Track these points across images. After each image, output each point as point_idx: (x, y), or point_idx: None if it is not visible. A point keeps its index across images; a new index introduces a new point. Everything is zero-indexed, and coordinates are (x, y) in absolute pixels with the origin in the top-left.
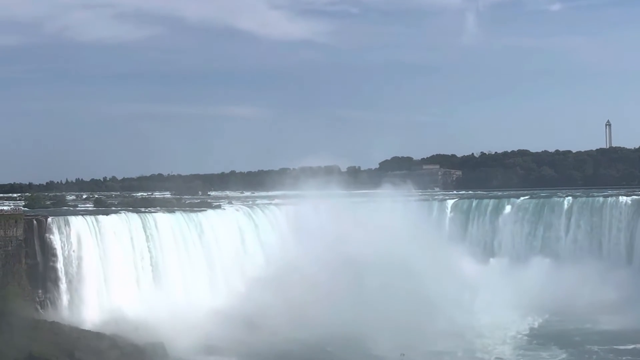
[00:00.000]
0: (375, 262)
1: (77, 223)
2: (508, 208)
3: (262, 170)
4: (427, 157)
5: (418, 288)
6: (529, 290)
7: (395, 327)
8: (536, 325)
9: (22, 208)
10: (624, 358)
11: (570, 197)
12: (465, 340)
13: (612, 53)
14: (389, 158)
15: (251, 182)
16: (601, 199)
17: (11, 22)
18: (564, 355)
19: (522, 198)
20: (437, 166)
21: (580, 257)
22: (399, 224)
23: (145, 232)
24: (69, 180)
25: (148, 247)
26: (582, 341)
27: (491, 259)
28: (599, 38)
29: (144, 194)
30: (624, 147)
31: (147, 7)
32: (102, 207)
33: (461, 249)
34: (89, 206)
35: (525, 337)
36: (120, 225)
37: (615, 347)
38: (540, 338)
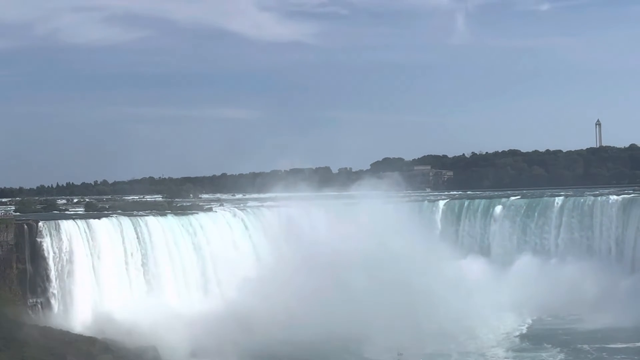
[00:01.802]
0: (367, 264)
1: (68, 227)
2: (499, 208)
3: (253, 172)
4: (418, 158)
5: (410, 289)
6: (520, 289)
7: (388, 329)
8: (528, 325)
9: (13, 213)
10: (617, 357)
11: (561, 197)
12: (458, 342)
13: (601, 52)
14: (380, 159)
15: (243, 184)
16: (591, 198)
17: (0, 26)
18: (561, 356)
19: (513, 198)
20: (429, 167)
21: (571, 256)
22: (391, 225)
23: (137, 235)
24: (60, 184)
25: (140, 250)
26: (574, 340)
27: (483, 259)
28: (588, 38)
29: (135, 197)
30: (614, 146)
31: (137, 10)
32: (93, 211)
33: (453, 249)
34: (80, 210)
35: (518, 338)
36: (111, 229)
37: (607, 345)
38: (532, 338)
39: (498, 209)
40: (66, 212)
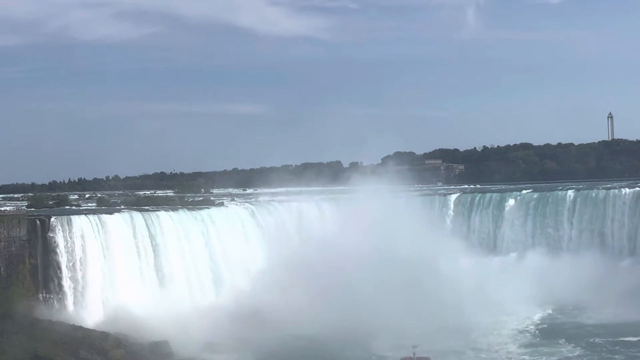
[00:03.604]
0: (378, 260)
1: (80, 222)
2: (511, 202)
3: (264, 167)
4: (429, 152)
5: (421, 284)
6: (533, 284)
7: (399, 324)
8: (541, 319)
9: (25, 208)
10: (632, 350)
11: (573, 190)
12: (470, 338)
13: (613, 45)
14: (391, 153)
15: (253, 178)
16: (604, 191)
17: (11, 23)
18: (578, 350)
19: (525, 191)
20: (440, 161)
21: (583, 250)
22: (402, 219)
23: (148, 230)
24: (72, 179)
25: (152, 245)
26: (586, 334)
27: (494, 253)
28: (599, 30)
29: (147, 192)
30: (626, 139)
31: (146, 6)
32: (105, 206)
33: (464, 243)
34: (92, 205)
35: (531, 333)
36: (123, 225)
37: (620, 339)
38: (545, 333)
39: (510, 202)
40: (78, 207)
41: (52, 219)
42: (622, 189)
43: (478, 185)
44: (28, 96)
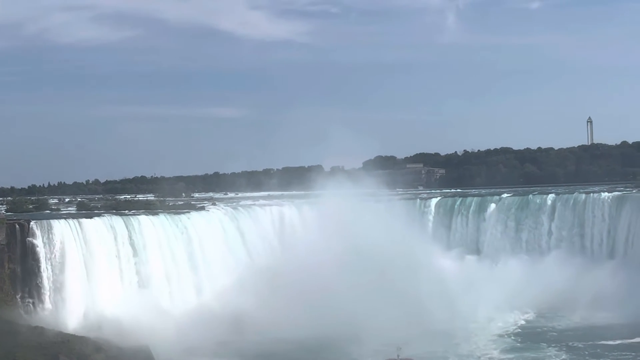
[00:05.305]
0: (360, 263)
1: (60, 227)
2: (492, 206)
3: (246, 171)
4: (410, 156)
5: (402, 288)
6: (513, 288)
7: (381, 329)
8: (521, 324)
9: (4, 212)
10: (615, 353)
11: (553, 194)
12: (451, 343)
13: (592, 50)
14: (372, 157)
15: (235, 183)
16: (583, 195)
17: None
18: (563, 355)
19: (505, 195)
20: (421, 165)
21: (563, 254)
22: (383, 223)
23: (129, 235)
24: (52, 183)
25: (132, 250)
26: (566, 338)
27: (475, 257)
28: (578, 35)
29: (127, 196)
30: (605, 144)
31: (127, 9)
32: (85, 211)
33: (445, 247)
34: (72, 210)
35: (511, 337)
36: (103, 229)
37: (600, 342)
38: (526, 337)
39: (491, 207)
40: (58, 211)
41: (32, 223)
42: (602, 193)
43: (459, 190)
44: (7, 99)
